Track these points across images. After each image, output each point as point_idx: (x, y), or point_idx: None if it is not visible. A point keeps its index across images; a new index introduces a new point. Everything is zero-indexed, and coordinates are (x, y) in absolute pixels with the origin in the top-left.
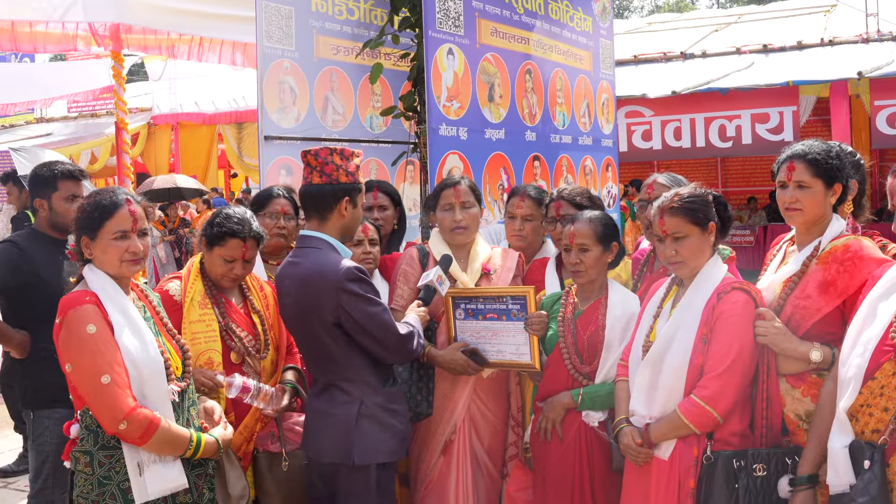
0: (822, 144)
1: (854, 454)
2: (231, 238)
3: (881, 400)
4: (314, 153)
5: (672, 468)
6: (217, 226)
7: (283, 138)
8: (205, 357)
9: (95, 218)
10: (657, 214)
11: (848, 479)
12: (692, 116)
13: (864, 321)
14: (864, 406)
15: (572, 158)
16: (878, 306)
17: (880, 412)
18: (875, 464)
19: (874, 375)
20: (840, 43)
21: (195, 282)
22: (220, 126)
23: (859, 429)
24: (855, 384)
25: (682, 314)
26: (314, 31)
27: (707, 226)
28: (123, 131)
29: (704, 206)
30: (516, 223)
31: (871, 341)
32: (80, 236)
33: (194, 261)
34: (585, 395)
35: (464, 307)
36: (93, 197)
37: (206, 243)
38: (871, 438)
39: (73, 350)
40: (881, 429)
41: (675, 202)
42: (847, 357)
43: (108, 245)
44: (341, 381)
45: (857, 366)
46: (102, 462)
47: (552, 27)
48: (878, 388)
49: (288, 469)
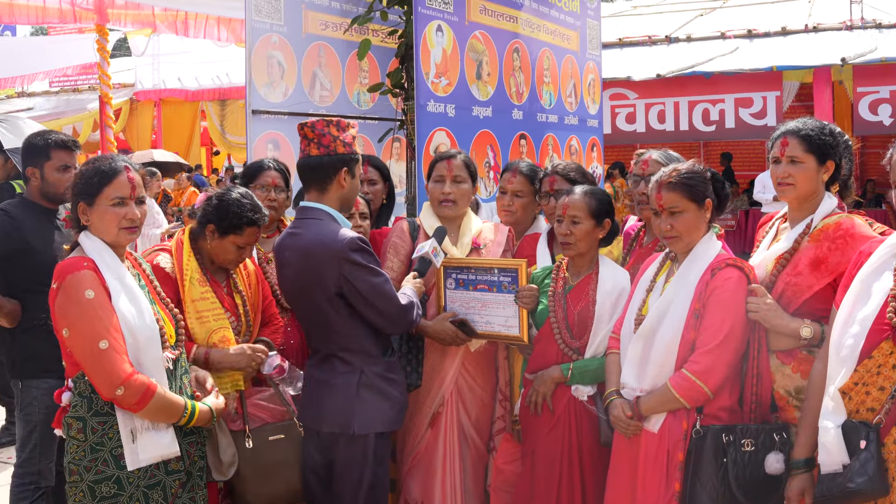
0: (816, 122)
1: (847, 434)
2: (249, 226)
3: (878, 379)
4: (311, 125)
5: (661, 441)
6: (233, 215)
7: (271, 113)
8: (218, 335)
9: (94, 183)
10: (654, 188)
11: (841, 458)
12: (676, 100)
13: (855, 299)
14: (858, 384)
15: (558, 137)
16: (871, 284)
17: (876, 391)
18: (871, 443)
19: (871, 354)
20: (824, 29)
21: (190, 259)
22: (203, 103)
23: (853, 407)
24: (850, 363)
25: (676, 289)
26: (303, 7)
27: (704, 202)
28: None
29: (702, 183)
30: (506, 198)
31: (866, 320)
32: (77, 202)
33: (183, 237)
34: (575, 370)
35: (455, 276)
36: (92, 163)
37: (217, 231)
38: (865, 417)
39: (72, 315)
40: (877, 408)
41: (673, 177)
42: (839, 336)
43: (105, 211)
44: (342, 350)
45: (852, 345)
46: (95, 428)
47: (540, 6)
48: (874, 366)
49: (252, 447)
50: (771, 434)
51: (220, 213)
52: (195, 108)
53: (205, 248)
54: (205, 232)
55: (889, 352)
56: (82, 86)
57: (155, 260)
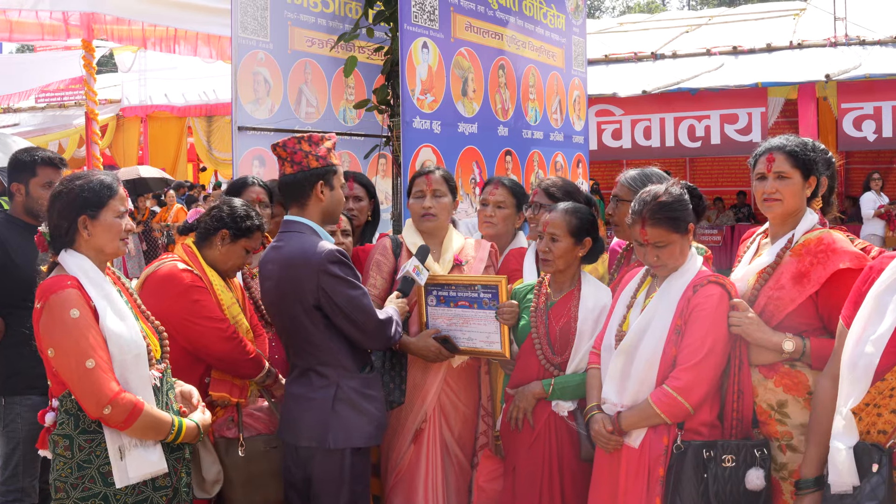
0: (799, 138)
1: (859, 455)
2: (257, 230)
3: (890, 402)
4: (282, 145)
5: (642, 456)
6: (243, 219)
7: (257, 129)
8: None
9: (104, 195)
10: (637, 222)
11: (851, 480)
12: (662, 116)
13: (868, 317)
14: (870, 405)
15: (544, 154)
16: (884, 302)
17: (888, 413)
18: (883, 467)
19: (884, 376)
20: (808, 46)
21: (208, 267)
22: (189, 119)
23: (863, 428)
24: (864, 384)
25: (657, 305)
26: (289, 23)
27: (687, 229)
28: (94, 121)
29: (684, 211)
30: (488, 209)
31: (880, 339)
32: (78, 216)
33: (191, 249)
34: (556, 385)
35: (436, 293)
36: (89, 177)
37: (230, 236)
38: (875, 439)
39: (57, 334)
40: (888, 430)
41: (655, 210)
42: (853, 355)
43: (112, 224)
44: (319, 364)
45: (866, 365)
46: (82, 446)
47: (526, 23)
48: (887, 388)
49: (245, 455)
50: (752, 450)
51: (234, 218)
52: (182, 124)
53: (209, 256)
54: (213, 240)
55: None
56: (68, 101)
57: (179, 266)
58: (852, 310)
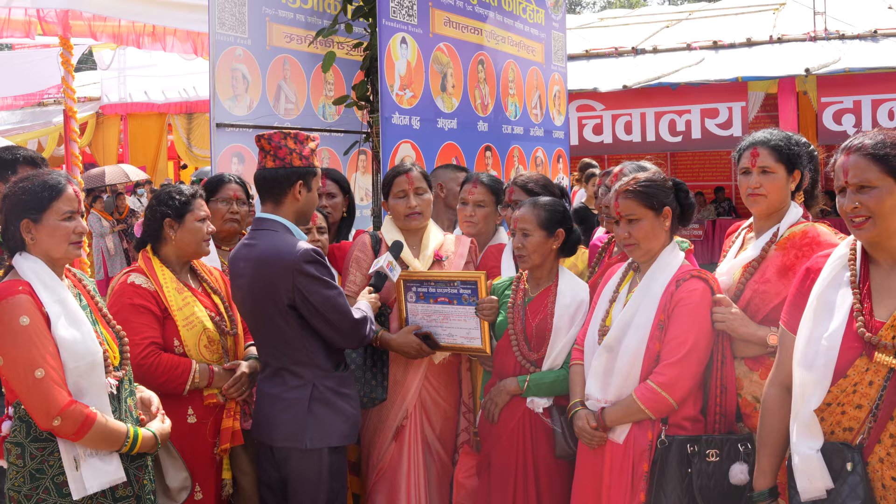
0: (782, 132)
1: (828, 457)
2: (197, 199)
3: (854, 397)
4: (267, 137)
5: (626, 452)
6: (173, 198)
7: (236, 126)
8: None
9: (45, 198)
10: (613, 196)
11: (825, 483)
12: (643, 111)
13: (815, 317)
14: (832, 405)
15: (524, 149)
16: (829, 300)
17: (853, 409)
18: (857, 465)
19: (846, 373)
20: (788, 40)
21: (163, 269)
22: (169, 116)
23: (827, 428)
24: (825, 382)
25: (640, 300)
26: (267, 19)
27: (661, 210)
28: (72, 119)
29: (661, 191)
30: (468, 209)
31: (834, 336)
32: (20, 220)
33: (147, 254)
34: (531, 382)
35: (415, 290)
36: (33, 178)
37: (174, 219)
38: (842, 437)
39: (6, 342)
40: (854, 426)
41: (630, 185)
42: (805, 355)
43: (56, 227)
44: (293, 364)
45: (825, 363)
46: (34, 454)
47: (505, 18)
48: (849, 385)
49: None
50: (735, 445)
51: (166, 203)
52: (162, 121)
53: (170, 252)
54: (164, 234)
55: (864, 368)
56: (47, 100)
57: (129, 280)
58: (793, 313)
